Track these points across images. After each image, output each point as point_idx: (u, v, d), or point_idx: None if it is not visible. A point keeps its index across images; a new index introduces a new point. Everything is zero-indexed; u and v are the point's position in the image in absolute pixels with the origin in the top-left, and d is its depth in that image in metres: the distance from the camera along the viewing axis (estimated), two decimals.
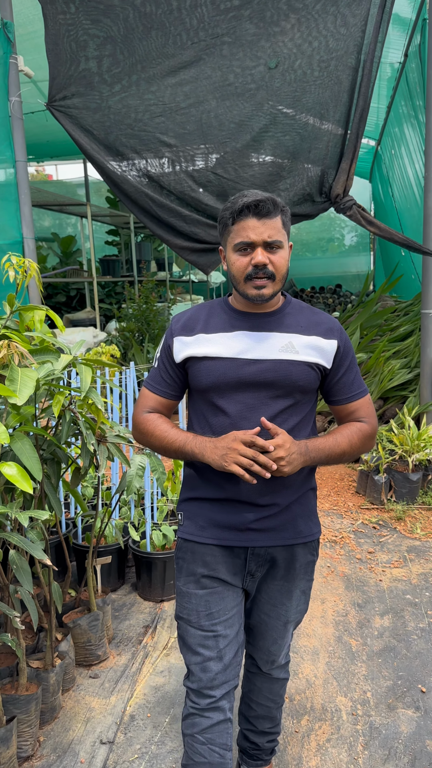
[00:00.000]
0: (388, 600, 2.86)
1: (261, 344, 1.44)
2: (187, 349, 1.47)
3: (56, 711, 2.09)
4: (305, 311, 1.53)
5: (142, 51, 3.95)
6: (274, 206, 1.38)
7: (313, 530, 1.57)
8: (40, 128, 6.56)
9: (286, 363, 1.43)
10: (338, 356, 1.50)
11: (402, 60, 5.84)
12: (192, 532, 1.51)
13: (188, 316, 1.53)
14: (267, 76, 4.04)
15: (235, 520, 1.46)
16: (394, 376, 5.02)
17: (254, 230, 1.38)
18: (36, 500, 1.95)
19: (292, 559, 1.54)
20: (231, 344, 1.44)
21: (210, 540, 1.48)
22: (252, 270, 1.39)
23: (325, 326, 1.50)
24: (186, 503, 1.56)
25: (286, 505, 1.48)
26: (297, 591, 1.60)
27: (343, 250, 13.32)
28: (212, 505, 1.49)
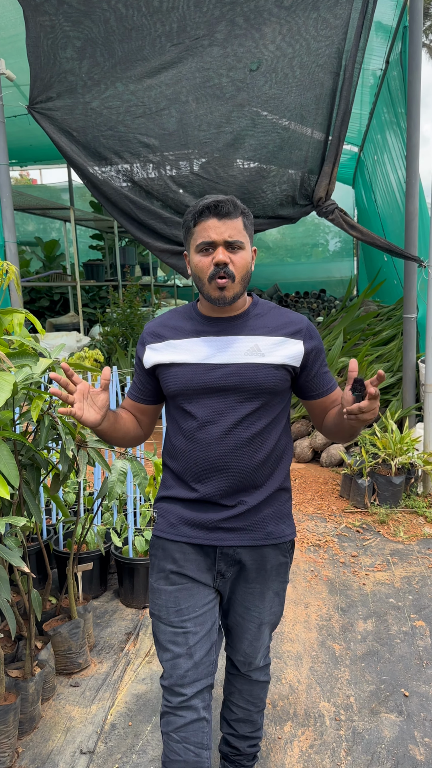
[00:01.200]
0: (372, 604, 2.86)
1: (226, 349, 1.45)
2: (156, 356, 1.50)
3: (35, 721, 2.05)
4: (272, 312, 1.53)
5: (123, 53, 3.94)
6: (234, 207, 1.40)
7: (285, 532, 1.57)
8: (23, 132, 6.52)
9: (252, 366, 1.43)
10: (310, 355, 1.50)
11: (384, 67, 5.90)
12: (163, 529, 1.53)
13: (158, 323, 1.55)
14: (248, 78, 4.05)
15: (204, 518, 1.49)
16: None
17: (215, 230, 1.39)
18: (14, 506, 1.92)
19: (262, 561, 1.54)
20: (197, 350, 1.46)
21: (179, 537, 1.51)
22: (213, 270, 1.40)
23: (294, 326, 1.50)
24: (160, 501, 1.58)
25: (254, 505, 1.49)
26: (269, 593, 1.59)
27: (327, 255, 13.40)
28: (184, 504, 1.51)
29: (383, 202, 7.33)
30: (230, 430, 1.45)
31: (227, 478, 1.46)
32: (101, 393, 1.41)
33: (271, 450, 1.50)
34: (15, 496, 1.91)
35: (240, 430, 1.45)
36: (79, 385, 1.37)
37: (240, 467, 1.46)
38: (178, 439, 1.51)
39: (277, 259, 13.38)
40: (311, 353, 1.50)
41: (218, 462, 1.46)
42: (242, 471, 1.46)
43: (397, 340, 5.60)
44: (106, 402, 1.41)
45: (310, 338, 1.51)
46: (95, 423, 1.40)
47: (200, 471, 1.47)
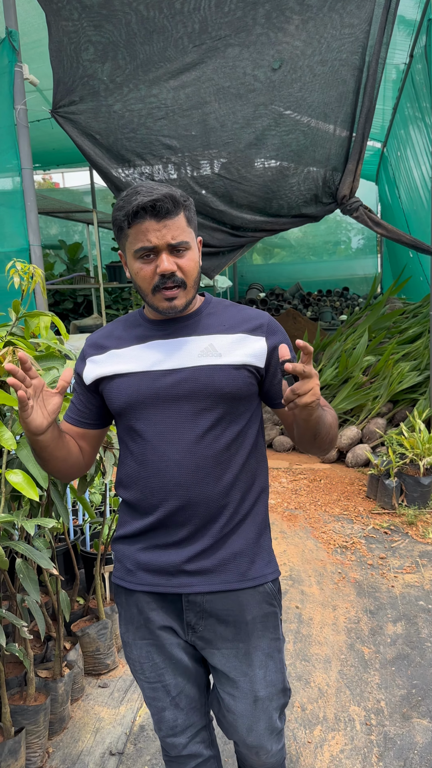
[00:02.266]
0: (401, 606, 2.82)
1: (177, 352, 1.25)
2: (98, 369, 1.29)
3: (65, 721, 2.06)
4: (229, 309, 1.33)
5: (145, 55, 3.95)
6: (174, 204, 1.18)
7: (263, 571, 1.30)
8: (46, 136, 6.59)
9: (207, 369, 1.22)
10: (274, 353, 1.28)
11: (407, 61, 5.82)
12: (121, 577, 1.33)
13: (100, 334, 1.35)
14: (270, 77, 4.03)
15: (163, 561, 1.25)
16: (403, 379, 4.98)
17: (155, 233, 1.18)
18: (43, 508, 1.93)
19: (239, 611, 1.27)
20: (143, 356, 1.26)
21: (138, 586, 1.28)
22: (159, 280, 1.20)
23: (253, 321, 1.29)
24: (116, 543, 1.36)
25: (222, 539, 1.25)
26: (258, 654, 1.29)
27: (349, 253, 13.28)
28: (140, 545, 1.28)
29: (408, 198, 7.23)
30: (189, 449, 1.22)
31: (188, 508, 1.23)
32: (55, 396, 1.18)
33: (239, 469, 1.26)
34: (43, 498, 1.92)
35: (200, 447, 1.22)
36: (35, 380, 1.16)
37: (203, 494, 1.22)
38: (129, 465, 1.29)
39: (299, 257, 13.30)
40: (276, 350, 1.27)
41: (176, 489, 1.22)
42: (206, 498, 1.22)
43: (423, 337, 5.52)
44: (57, 407, 1.18)
45: (273, 333, 1.29)
46: (39, 428, 1.16)
47: (156, 502, 1.24)
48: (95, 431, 1.38)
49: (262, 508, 1.33)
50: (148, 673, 1.32)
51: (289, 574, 3.11)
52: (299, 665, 2.41)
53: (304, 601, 2.87)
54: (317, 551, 3.37)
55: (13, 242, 4.06)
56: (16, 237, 4.04)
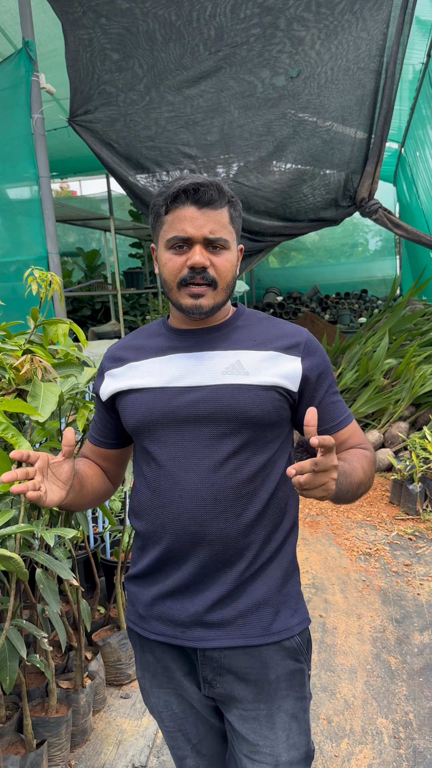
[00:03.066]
0: (427, 615, 2.75)
1: (199, 367, 1.10)
2: (114, 383, 1.17)
3: (87, 733, 2.04)
4: (263, 322, 1.18)
5: (161, 63, 3.96)
6: (219, 193, 1.07)
7: (290, 623, 1.13)
8: (63, 144, 6.64)
9: (231, 388, 1.07)
10: (310, 376, 1.12)
11: (425, 61, 5.75)
12: (134, 621, 1.20)
13: (119, 345, 1.23)
14: (289, 84, 4.01)
15: (177, 610, 1.11)
16: (425, 382, 4.90)
17: (192, 222, 1.06)
18: (62, 516, 1.92)
19: (263, 668, 1.11)
20: (161, 370, 1.13)
21: (150, 635, 1.16)
22: (187, 273, 1.08)
23: (290, 338, 1.14)
24: (128, 582, 1.24)
25: (244, 586, 1.10)
26: (282, 715, 1.12)
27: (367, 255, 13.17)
28: (151, 586, 1.15)
29: (427, 198, 7.14)
30: (206, 478, 1.07)
31: (206, 548, 1.08)
32: (64, 463, 1.06)
33: (264, 504, 1.10)
34: None
35: (219, 477, 1.07)
36: (37, 462, 1.02)
37: (221, 531, 1.07)
38: (142, 492, 1.15)
39: (316, 260, 13.22)
40: (313, 374, 1.13)
41: (191, 524, 1.07)
42: (224, 536, 1.07)
43: None
44: (70, 473, 1.07)
45: (311, 354, 1.13)
46: (61, 501, 1.05)
47: (169, 537, 1.10)
48: (117, 451, 1.27)
49: (290, 549, 1.17)
50: (167, 722, 1.22)
51: (312, 582, 3.06)
52: (324, 676, 2.36)
53: (328, 610, 2.81)
54: (340, 558, 3.31)
55: (31, 250, 4.08)
56: (34, 245, 4.07)
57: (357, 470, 1.09)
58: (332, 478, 0.91)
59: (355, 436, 1.19)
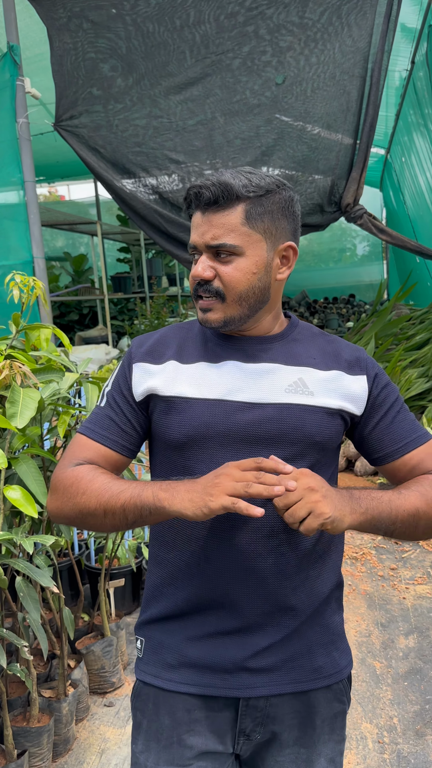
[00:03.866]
0: (413, 619, 2.75)
1: (259, 381, 0.98)
2: (152, 381, 1.00)
3: (70, 742, 2.02)
4: (318, 338, 1.08)
5: (148, 69, 3.96)
6: (225, 194, 0.94)
7: (340, 664, 1.03)
8: (50, 149, 6.63)
9: (297, 409, 0.97)
10: (373, 396, 1.03)
11: (409, 68, 5.82)
12: (155, 673, 1.00)
13: (157, 338, 1.07)
14: (274, 90, 4.03)
15: (221, 656, 0.96)
16: (411, 386, 4.92)
17: (197, 229, 0.98)
18: (44, 523, 1.90)
19: (309, 713, 1.00)
20: (216, 380, 0.99)
21: (183, 687, 0.98)
22: (195, 285, 0.99)
23: (350, 357, 1.05)
24: (147, 627, 1.04)
25: (297, 627, 0.98)
26: (321, 760, 1.02)
27: (355, 260, 13.26)
28: (186, 629, 0.99)
29: (413, 203, 7.21)
30: (263, 506, 0.92)
31: (257, 585, 0.95)
32: None
33: (319, 535, 0.99)
34: (44, 513, 1.89)
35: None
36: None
37: (277, 565, 0.95)
38: (179, 519, 0.97)
39: (305, 265, 13.29)
40: (379, 392, 1.04)
41: (243, 557, 0.94)
42: (280, 570, 0.95)
43: (431, 344, 5.46)
44: None
45: (374, 372, 1.05)
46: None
47: (213, 571, 0.96)
48: (121, 458, 1.03)
49: (340, 585, 1.07)
50: None
51: None
52: None
53: None
54: None
55: (17, 255, 4.06)
56: (20, 250, 4.05)
57: (409, 497, 0.95)
58: (312, 501, 0.83)
59: (428, 460, 1.03)
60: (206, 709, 0.98)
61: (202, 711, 0.98)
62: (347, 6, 3.79)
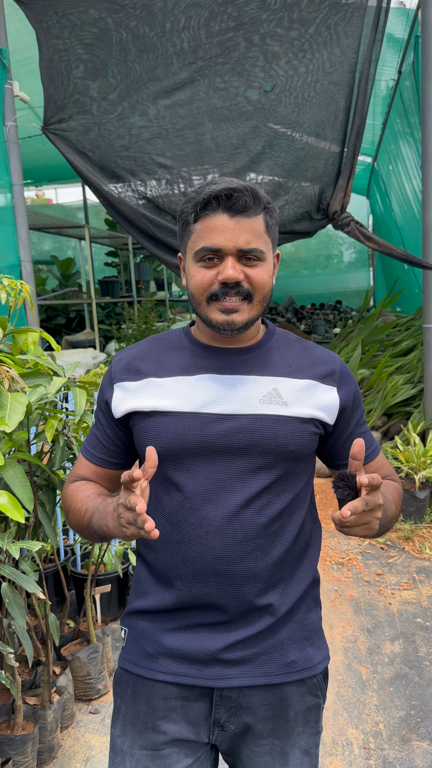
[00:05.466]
0: (398, 624, 2.77)
1: (233, 392, 1.02)
2: (132, 400, 1.05)
3: (54, 750, 2.00)
4: (294, 345, 1.11)
5: (136, 74, 3.97)
6: (254, 200, 0.98)
7: (314, 660, 1.08)
8: (37, 152, 6.60)
9: (270, 420, 1.01)
10: (346, 407, 1.08)
11: (396, 77, 5.89)
12: (136, 661, 1.07)
13: (134, 354, 1.10)
14: (263, 98, 4.05)
15: (196, 647, 1.02)
16: (397, 392, 4.96)
17: (225, 233, 0.97)
18: (30, 529, 1.89)
19: (282, 706, 1.05)
20: (192, 393, 1.02)
21: (161, 675, 1.04)
22: (219, 287, 0.99)
23: (325, 366, 1.08)
24: (131, 617, 1.11)
25: (270, 624, 1.03)
26: (296, 752, 1.07)
27: (342, 266, 13.36)
28: (166, 622, 1.05)
29: (400, 211, 7.29)
30: (237, 513, 0.99)
31: (231, 586, 1.01)
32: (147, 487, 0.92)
33: (293, 540, 1.05)
34: (31, 519, 1.87)
35: (251, 513, 1.00)
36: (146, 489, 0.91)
37: (250, 568, 1.01)
38: (159, 523, 1.04)
39: (292, 271, 13.36)
40: (348, 404, 1.08)
41: (217, 561, 1.00)
42: (253, 574, 1.01)
43: (417, 350, 5.51)
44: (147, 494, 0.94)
45: (346, 383, 1.09)
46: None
47: (190, 574, 1.01)
48: (114, 472, 1.12)
49: (316, 582, 1.12)
50: None
51: None
52: None
53: None
54: None
55: (4, 258, 4.04)
56: (7, 253, 4.03)
57: (390, 504, 1.06)
58: (376, 518, 0.89)
59: (383, 467, 1.15)
60: (182, 698, 1.04)
61: (178, 700, 1.04)
62: (336, 16, 3.83)
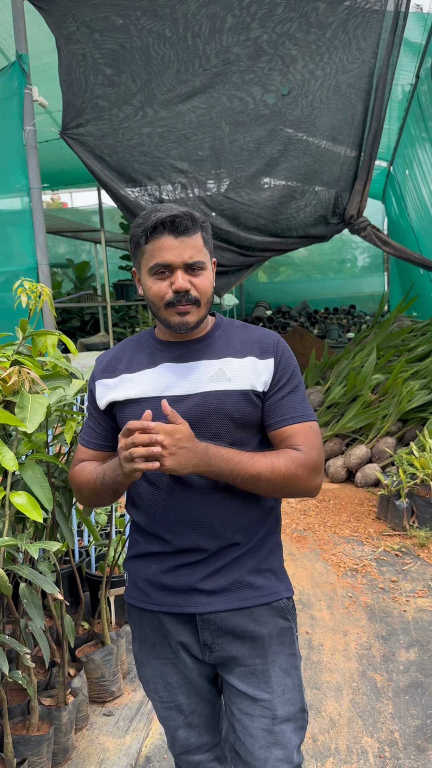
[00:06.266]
0: (413, 632, 2.74)
1: (187, 376, 1.26)
2: (110, 393, 1.31)
3: (69, 752, 2.00)
4: (239, 330, 1.34)
5: (154, 79, 3.99)
6: (192, 222, 1.22)
7: (277, 588, 1.31)
8: (54, 157, 6.66)
9: (218, 394, 1.23)
10: (276, 375, 1.28)
11: (413, 82, 5.86)
12: (135, 597, 1.34)
13: (111, 356, 1.37)
14: (280, 102, 4.06)
15: (177, 581, 1.26)
16: (413, 398, 4.93)
17: (172, 251, 1.21)
18: (47, 530, 1.90)
19: (256, 625, 1.27)
20: (155, 381, 1.27)
21: (151, 606, 1.30)
22: (173, 296, 1.22)
23: (262, 344, 1.30)
24: (129, 562, 1.38)
25: (236, 558, 1.27)
26: (276, 670, 1.28)
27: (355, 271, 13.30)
28: (152, 563, 1.29)
29: (417, 215, 7.25)
30: (198, 474, 1.22)
31: (201, 530, 1.24)
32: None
33: (249, 493, 1.26)
34: (48, 520, 1.88)
35: None
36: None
37: (215, 516, 1.24)
38: (142, 486, 1.29)
39: (305, 275, 13.33)
40: (278, 372, 1.28)
41: (188, 512, 1.24)
42: (218, 520, 1.24)
43: None
44: None
45: (280, 355, 1.30)
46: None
47: (169, 523, 1.26)
48: (110, 454, 1.38)
49: (275, 527, 1.36)
50: (161, 692, 1.36)
51: (299, 598, 3.04)
52: (310, 693, 2.34)
53: (314, 626, 2.80)
54: (327, 574, 3.30)
55: (21, 261, 4.08)
56: (24, 256, 4.06)
57: (258, 464, 1.21)
58: (161, 454, 1.10)
59: (298, 436, 1.27)
60: (173, 622, 1.30)
61: (171, 625, 1.30)
62: (354, 21, 3.83)
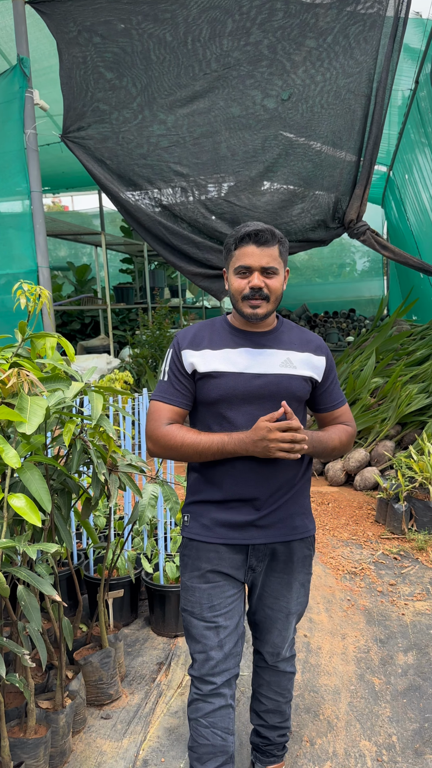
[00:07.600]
0: (412, 635, 2.74)
1: (263, 360, 1.62)
2: (196, 361, 1.62)
3: (66, 755, 2.00)
4: (295, 330, 1.73)
5: (154, 83, 4.01)
6: (272, 236, 1.58)
7: (308, 527, 1.73)
8: (55, 160, 6.68)
9: (287, 377, 1.62)
10: (326, 370, 1.72)
11: (413, 87, 5.89)
12: (198, 532, 1.65)
13: (194, 333, 1.68)
14: (280, 106, 4.07)
15: (238, 519, 1.62)
16: (411, 401, 4.93)
17: (253, 256, 1.57)
18: (46, 532, 1.90)
19: (290, 554, 1.70)
20: (237, 360, 1.61)
21: (215, 539, 1.63)
22: (249, 291, 1.58)
23: (315, 344, 1.71)
24: (191, 506, 1.70)
25: (284, 503, 1.64)
26: (296, 583, 1.74)
27: (355, 275, 13.33)
28: (216, 507, 1.63)
29: (416, 220, 7.27)
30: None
31: (263, 481, 1.60)
32: None
33: (300, 458, 1.63)
34: (46, 522, 1.88)
35: None
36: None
37: (276, 469, 1.60)
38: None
39: (305, 279, 13.35)
40: (328, 368, 1.73)
41: (256, 465, 1.58)
42: (277, 473, 1.60)
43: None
44: None
45: (328, 355, 1.74)
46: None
47: (237, 475, 1.59)
48: (186, 411, 1.68)
49: (309, 476, 1.74)
50: (206, 613, 1.64)
51: None
52: (308, 696, 2.34)
53: (313, 630, 2.79)
54: (326, 577, 3.30)
55: (21, 264, 4.09)
56: (25, 258, 4.07)
57: (333, 439, 1.69)
58: (302, 445, 1.51)
59: (345, 415, 1.79)
60: (228, 552, 1.64)
61: (226, 554, 1.64)
62: (354, 27, 3.85)
